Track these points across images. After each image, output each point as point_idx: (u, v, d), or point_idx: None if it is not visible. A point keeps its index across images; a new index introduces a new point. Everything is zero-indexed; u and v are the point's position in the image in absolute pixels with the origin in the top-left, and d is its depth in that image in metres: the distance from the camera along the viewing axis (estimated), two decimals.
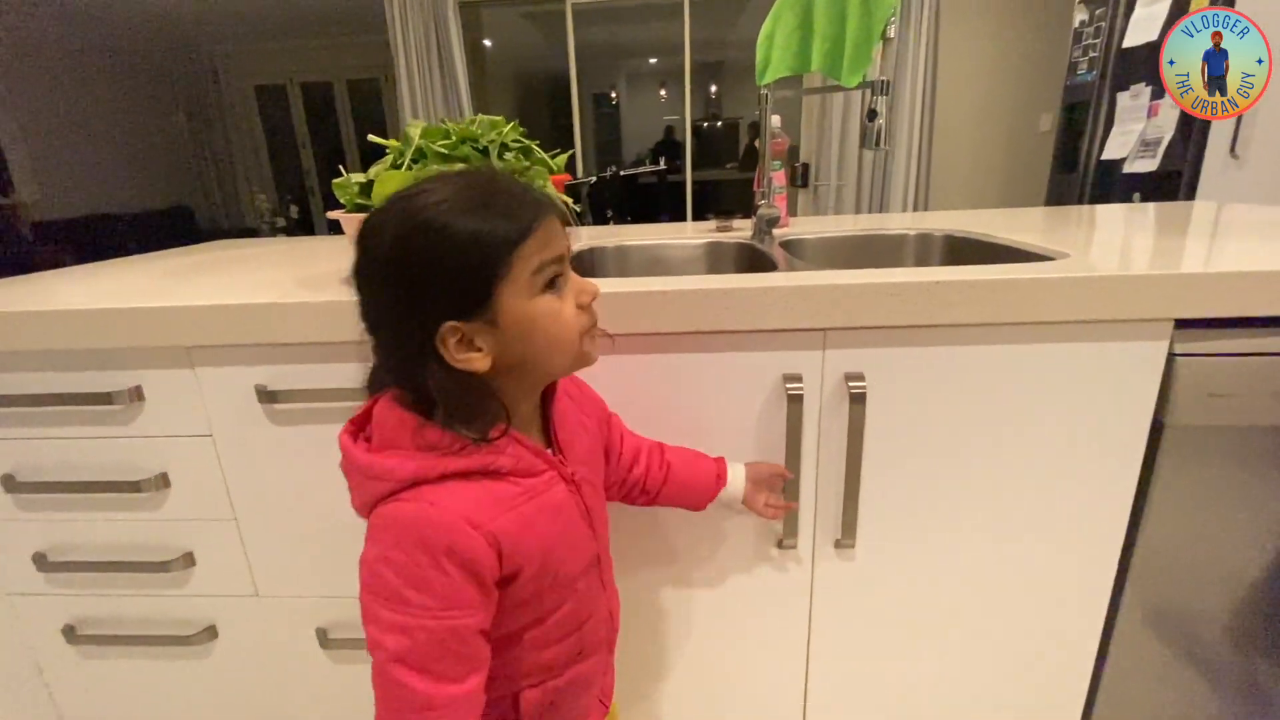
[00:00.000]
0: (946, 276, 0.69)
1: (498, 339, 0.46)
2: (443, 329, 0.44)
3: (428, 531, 0.45)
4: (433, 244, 0.43)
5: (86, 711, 1.01)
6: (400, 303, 0.45)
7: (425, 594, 0.44)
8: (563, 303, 0.48)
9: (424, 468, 0.46)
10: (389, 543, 0.45)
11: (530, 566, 0.49)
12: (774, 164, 1.25)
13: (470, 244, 0.43)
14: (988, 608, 0.85)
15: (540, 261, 0.46)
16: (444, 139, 0.82)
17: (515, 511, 0.48)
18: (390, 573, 0.45)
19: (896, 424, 0.77)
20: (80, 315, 0.77)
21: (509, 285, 0.45)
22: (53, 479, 0.86)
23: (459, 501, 0.46)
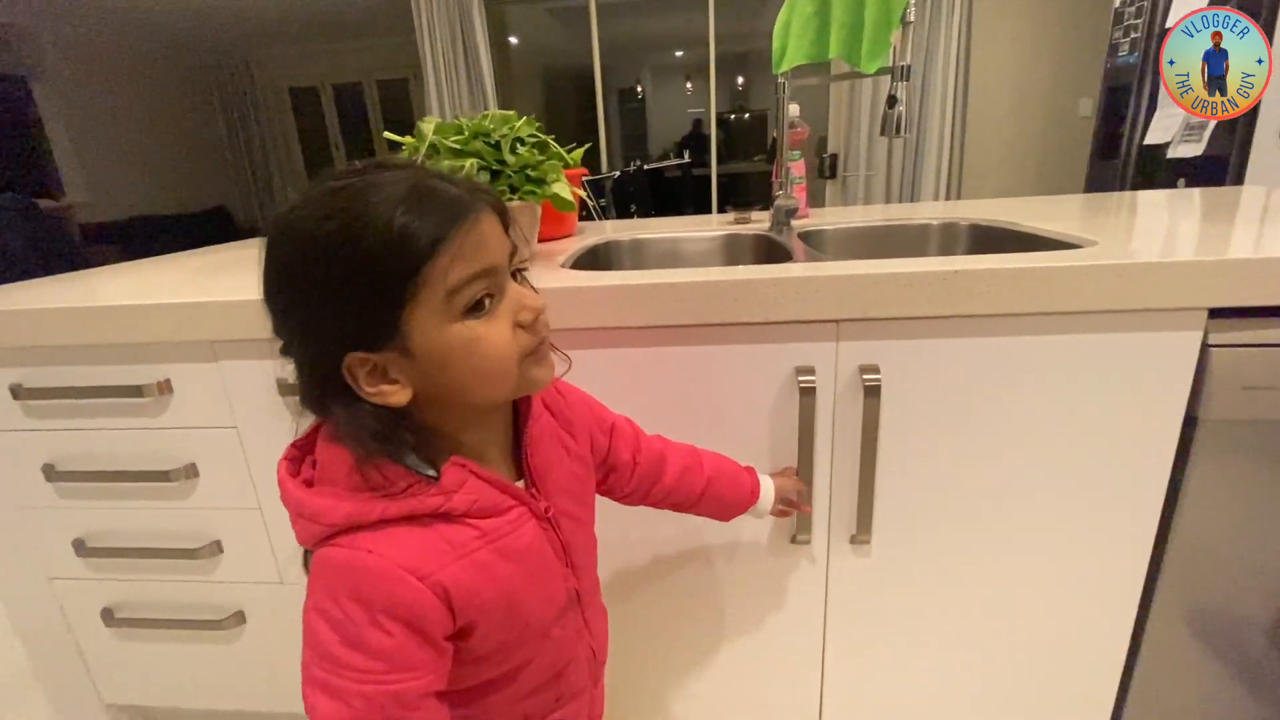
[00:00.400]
0: (962, 266, 0.67)
1: (416, 369, 0.40)
2: (349, 360, 0.38)
3: (363, 584, 0.39)
4: (325, 263, 0.36)
5: (123, 691, 1.05)
6: (300, 329, 0.40)
7: (363, 655, 0.39)
8: (491, 326, 0.40)
9: (358, 511, 0.40)
10: (322, 593, 0.40)
11: (490, 619, 0.43)
12: (793, 154, 1.23)
13: (367, 265, 0.36)
14: (1009, 606, 0.83)
15: (457, 280, 0.38)
16: (456, 135, 0.83)
17: (469, 559, 0.42)
18: (325, 627, 0.39)
19: (913, 417, 0.76)
20: (112, 311, 0.80)
21: (418, 311, 0.38)
22: (90, 468, 0.89)
23: (400, 549, 0.40)
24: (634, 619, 0.89)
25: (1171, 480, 0.76)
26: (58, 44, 4.29)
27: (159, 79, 5.01)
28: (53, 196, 4.05)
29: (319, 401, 0.41)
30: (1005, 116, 3.66)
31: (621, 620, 0.90)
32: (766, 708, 0.94)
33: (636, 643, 0.91)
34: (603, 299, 0.73)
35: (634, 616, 0.89)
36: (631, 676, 0.93)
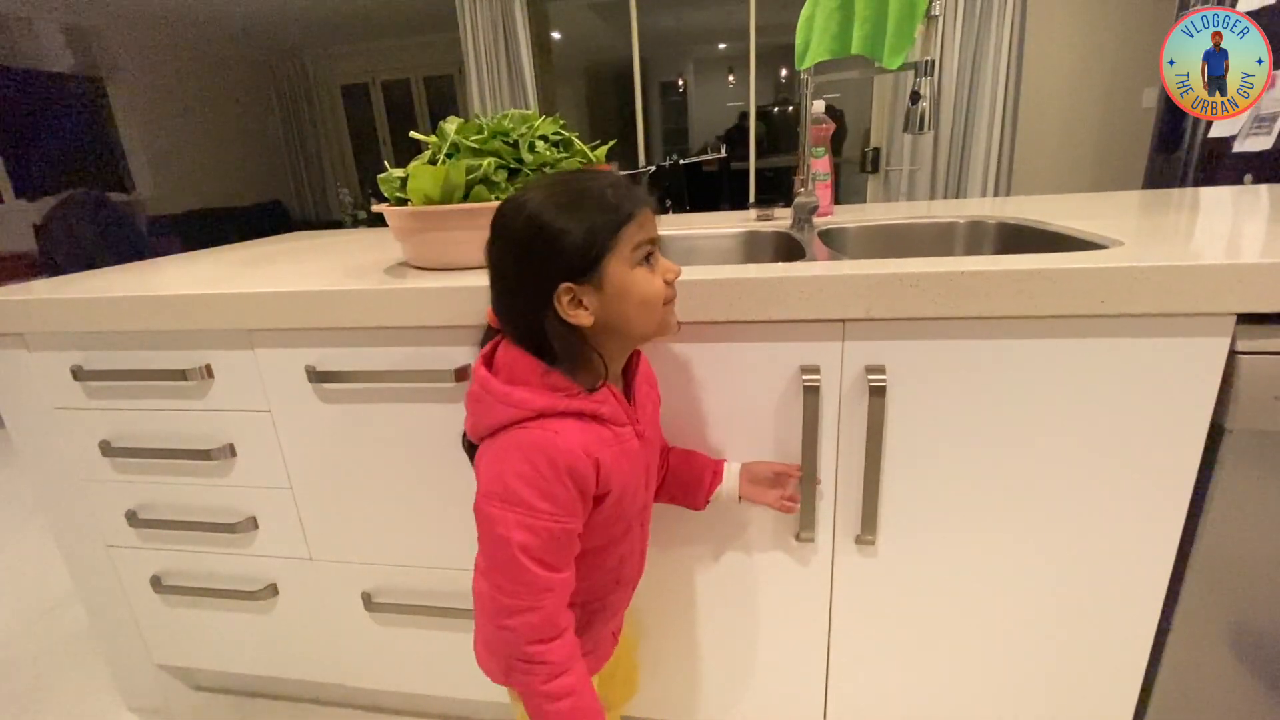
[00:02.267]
0: (970, 267, 0.66)
1: (601, 300, 0.56)
2: (560, 289, 0.54)
3: (555, 454, 0.54)
4: (558, 225, 0.53)
5: (172, 652, 1.14)
6: (529, 269, 0.55)
7: (550, 501, 0.55)
8: (652, 275, 0.58)
9: (550, 404, 0.56)
10: (520, 460, 0.55)
11: (614, 492, 0.60)
12: (816, 150, 1.22)
13: (587, 225, 0.53)
14: (1019, 612, 0.82)
15: (638, 241, 0.56)
16: (476, 134, 0.86)
17: (610, 449, 0.59)
18: (521, 483, 0.54)
19: (921, 418, 0.75)
20: (161, 300, 0.87)
21: (613, 257, 0.55)
22: (141, 445, 0.96)
23: (576, 433, 0.56)
24: (637, 614, 0.91)
25: (1196, 490, 0.73)
26: (129, 46, 4.55)
27: (221, 79, 5.26)
28: (124, 191, 4.30)
29: (528, 322, 0.56)
30: (1061, 109, 3.50)
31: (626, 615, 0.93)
32: (771, 705, 0.94)
33: (640, 637, 0.93)
34: None
35: (637, 611, 0.91)
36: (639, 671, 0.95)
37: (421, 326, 0.81)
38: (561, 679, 0.57)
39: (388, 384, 0.85)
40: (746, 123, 5.28)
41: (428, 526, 0.93)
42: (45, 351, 0.95)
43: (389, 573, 0.97)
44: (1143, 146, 2.86)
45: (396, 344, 0.84)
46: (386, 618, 1.00)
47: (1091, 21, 3.36)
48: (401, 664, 1.04)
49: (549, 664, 0.57)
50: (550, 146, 0.93)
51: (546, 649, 0.56)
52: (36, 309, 0.91)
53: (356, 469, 0.92)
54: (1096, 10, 3.33)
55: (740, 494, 0.79)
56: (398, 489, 0.91)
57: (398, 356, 0.84)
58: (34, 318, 0.92)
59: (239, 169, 5.41)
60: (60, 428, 0.99)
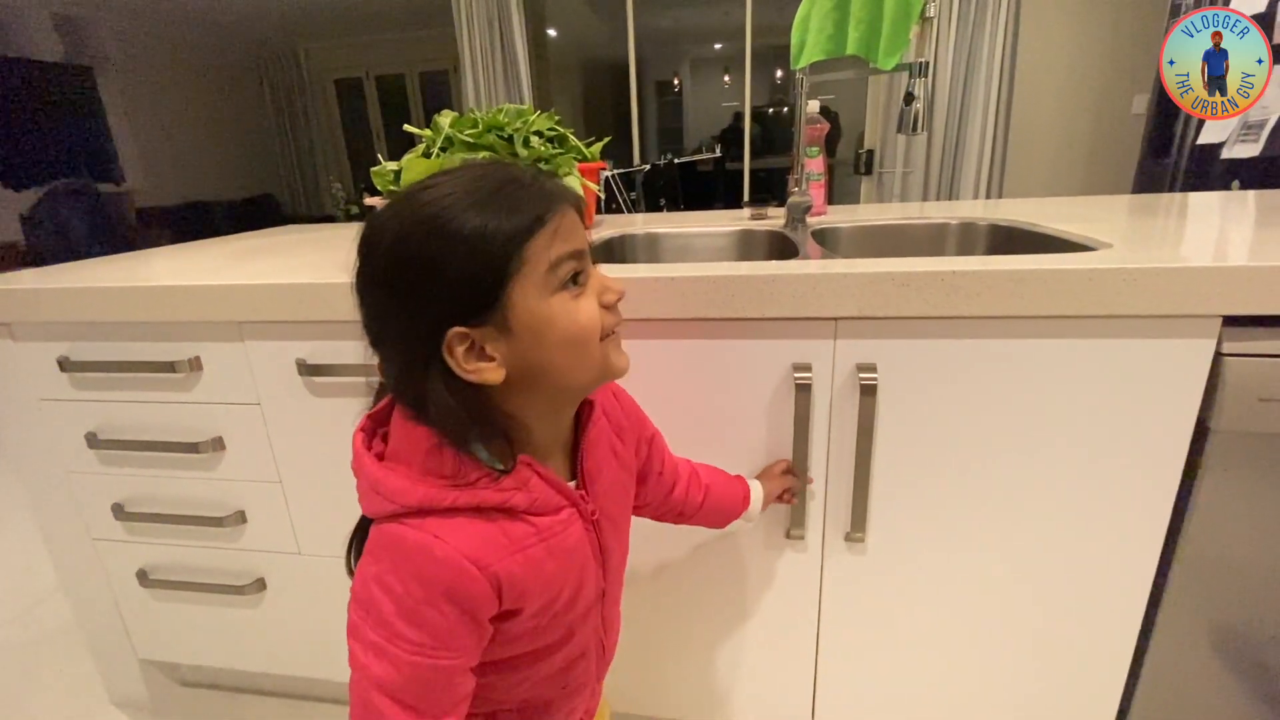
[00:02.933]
0: (960, 267, 0.67)
1: (511, 345, 0.42)
2: (449, 336, 0.40)
3: (429, 567, 0.42)
4: (437, 241, 0.39)
5: (158, 647, 1.13)
6: (403, 308, 0.41)
7: (418, 630, 0.42)
8: (581, 301, 0.43)
9: (431, 497, 0.42)
10: (387, 567, 0.43)
11: (531, 607, 0.46)
12: (810, 150, 1.22)
13: (477, 239, 0.39)
14: (1007, 610, 0.82)
15: (556, 256, 0.41)
16: (471, 128, 0.86)
17: (524, 553, 0.45)
18: (386, 599, 0.42)
19: (911, 417, 0.75)
20: (150, 291, 0.86)
21: (521, 283, 0.40)
22: (128, 437, 0.95)
23: (466, 539, 0.42)
24: (628, 610, 0.91)
25: (1181, 491, 0.74)
26: (120, 36, 4.50)
27: (213, 70, 5.21)
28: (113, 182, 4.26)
29: (415, 384, 0.42)
30: (1053, 113, 3.53)
31: None
32: (760, 701, 0.95)
33: (630, 634, 0.93)
34: None
35: (629, 607, 0.91)
36: (626, 668, 0.95)
37: None
38: None
39: (379, 377, 0.85)
40: (741, 123, 5.29)
41: None
42: (31, 342, 0.94)
43: None
44: (1132, 152, 2.89)
45: None
46: None
47: (1084, 28, 3.39)
48: None
49: None
50: (545, 142, 0.93)
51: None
52: (22, 299, 0.90)
53: (346, 463, 0.91)
54: (1089, 17, 3.37)
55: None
56: None
57: None
58: (20, 307, 0.90)
59: (230, 161, 5.37)
60: (46, 419, 0.98)
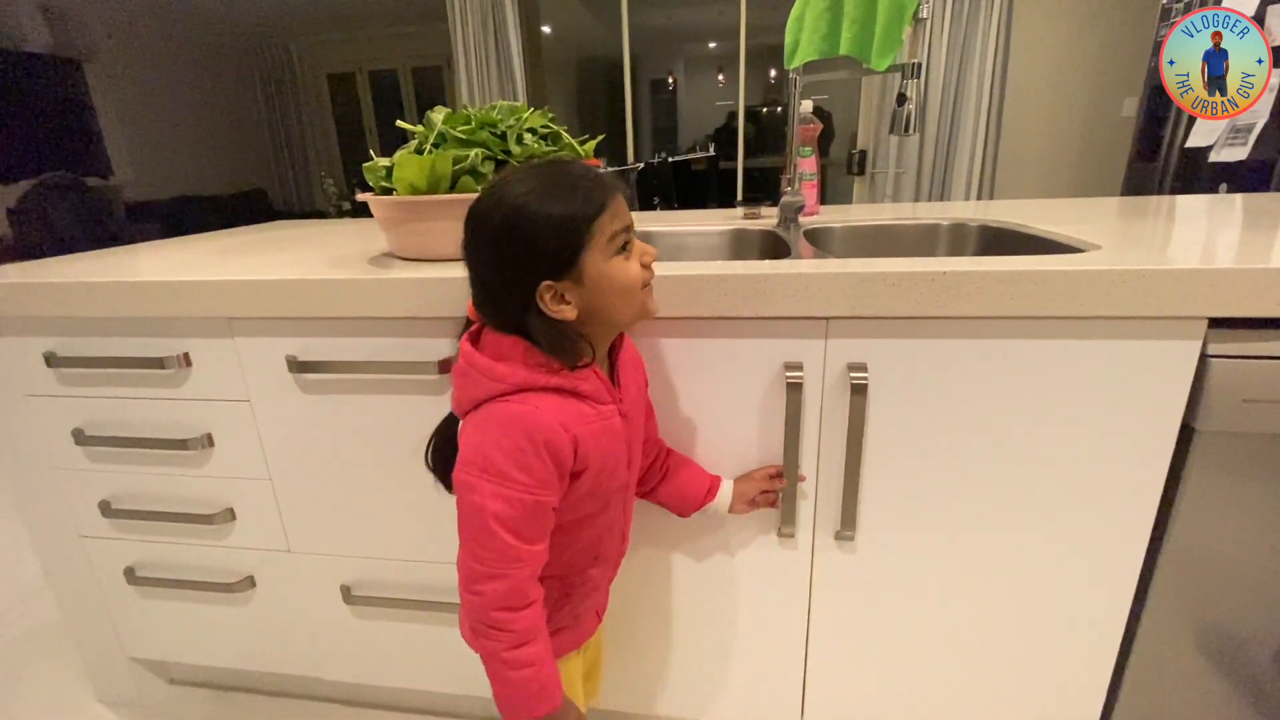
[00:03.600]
0: (951, 267, 0.67)
1: (582, 294, 0.57)
2: (541, 288, 0.55)
3: (533, 428, 0.56)
4: (532, 223, 0.54)
5: (145, 645, 1.12)
6: (508, 270, 0.56)
7: (526, 474, 0.56)
8: (629, 261, 0.58)
9: (531, 379, 0.57)
10: (499, 432, 0.56)
11: (592, 469, 0.61)
12: (803, 150, 1.23)
13: (561, 222, 0.54)
14: (994, 609, 0.83)
15: (613, 231, 0.56)
16: (464, 124, 0.86)
17: (590, 426, 0.59)
18: (499, 454, 0.55)
19: (901, 416, 0.76)
20: (137, 287, 0.85)
21: (590, 251, 0.55)
22: (116, 434, 0.95)
23: (555, 409, 0.57)
24: (617, 605, 0.92)
25: (1166, 490, 0.75)
26: (108, 27, 4.44)
27: (204, 63, 5.16)
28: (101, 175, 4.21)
29: (513, 319, 0.57)
30: (1043, 116, 3.56)
31: None
32: (749, 698, 0.95)
33: (619, 629, 0.93)
34: None
35: (617, 602, 0.92)
36: (614, 663, 0.95)
37: (405, 317, 0.80)
38: (523, 649, 0.59)
39: (370, 375, 0.85)
40: (735, 122, 5.29)
41: (409, 519, 0.92)
42: (16, 337, 0.93)
43: (369, 565, 0.97)
44: (1122, 154, 2.92)
45: (379, 334, 0.83)
46: (366, 611, 0.99)
47: (1075, 30, 3.42)
48: (381, 658, 1.03)
49: (512, 632, 0.58)
50: (539, 139, 0.92)
51: (512, 617, 0.58)
52: (7, 293, 0.89)
53: (337, 460, 0.91)
54: (1081, 20, 3.39)
55: (730, 509, 0.81)
56: (379, 481, 0.91)
57: (380, 347, 0.84)
58: (5, 302, 0.89)
59: (222, 156, 5.31)
60: (32, 415, 0.97)
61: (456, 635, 1.00)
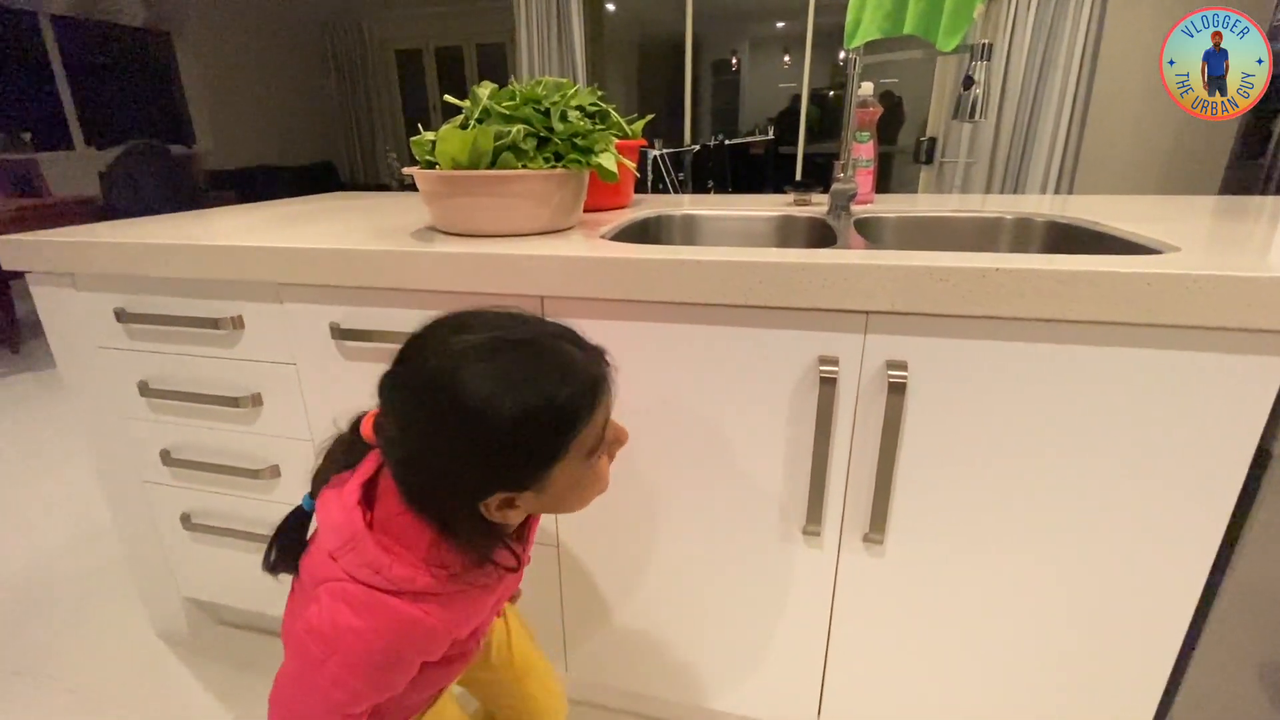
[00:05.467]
0: (1004, 264, 0.63)
1: (539, 501, 0.50)
2: (494, 497, 0.47)
3: (423, 641, 0.50)
4: (503, 431, 0.44)
5: (198, 587, 1.19)
6: (456, 471, 0.46)
7: (386, 675, 0.50)
8: (603, 462, 0.52)
9: (432, 586, 0.49)
10: (372, 627, 0.48)
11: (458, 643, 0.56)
12: (861, 135, 1.17)
13: (538, 432, 0.45)
14: (1031, 628, 0.79)
15: (595, 439, 0.49)
16: (509, 100, 0.85)
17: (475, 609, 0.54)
18: (362, 649, 0.48)
19: (942, 419, 0.72)
20: (196, 249, 0.89)
21: (566, 462, 0.48)
22: (176, 388, 1.00)
23: (453, 614, 0.51)
24: (635, 595, 0.92)
25: (1235, 516, 0.69)
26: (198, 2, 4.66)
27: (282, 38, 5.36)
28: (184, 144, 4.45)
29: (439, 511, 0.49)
30: (1136, 106, 3.29)
31: (621, 593, 0.93)
32: (766, 696, 0.94)
33: (635, 621, 0.93)
34: (623, 272, 0.73)
35: (635, 593, 0.92)
36: (631, 653, 0.96)
37: (441, 291, 0.81)
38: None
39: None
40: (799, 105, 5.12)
41: None
42: (92, 292, 0.99)
43: None
44: (1222, 151, 2.68)
45: (416, 306, 0.84)
46: None
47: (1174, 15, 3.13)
48: None
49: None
50: (583, 117, 0.91)
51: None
52: (84, 251, 0.95)
53: None
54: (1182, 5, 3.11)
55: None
56: None
57: (416, 319, 0.85)
58: (82, 259, 0.95)
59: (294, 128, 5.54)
60: (103, 366, 1.03)
61: None
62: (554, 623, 0.99)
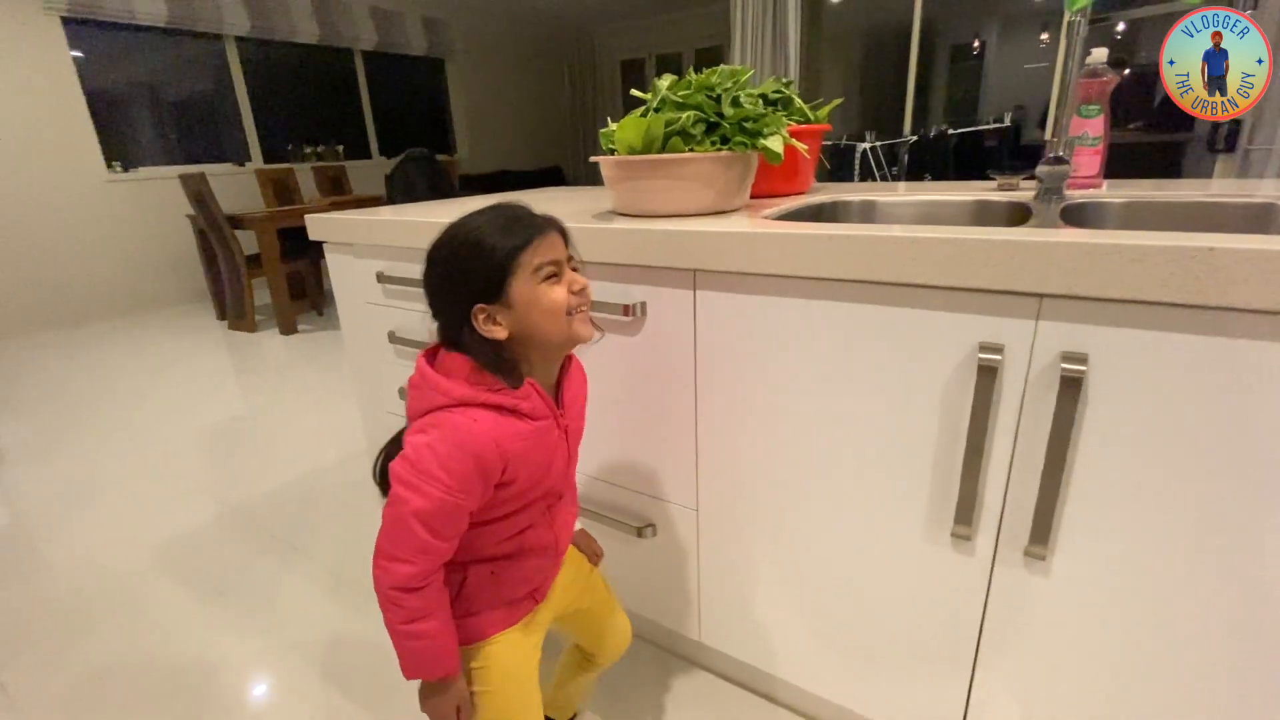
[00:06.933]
0: (1221, 244, 0.53)
1: (512, 316, 0.64)
2: (474, 309, 0.63)
3: (466, 437, 0.62)
4: (469, 255, 0.63)
5: None
6: (450, 291, 0.64)
7: (451, 478, 0.61)
8: (554, 288, 0.65)
9: (471, 394, 0.63)
10: (437, 436, 0.62)
11: (520, 481, 0.67)
12: (1089, 109, 1.03)
13: (492, 254, 0.62)
14: (1232, 681, 0.64)
15: (539, 262, 0.63)
16: (685, 89, 0.92)
17: (523, 441, 0.66)
18: (431, 456, 0.61)
19: (1127, 421, 0.62)
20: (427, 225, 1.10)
21: (517, 278, 0.63)
22: (411, 338, 1.25)
23: (490, 423, 0.63)
24: (768, 571, 0.92)
25: None
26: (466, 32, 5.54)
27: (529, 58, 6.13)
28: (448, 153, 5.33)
29: (453, 336, 0.66)
30: None
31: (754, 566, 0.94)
32: (897, 709, 0.89)
33: (767, 598, 0.94)
34: (769, 246, 0.75)
35: (768, 568, 0.92)
36: (759, 629, 0.96)
37: (607, 263, 0.91)
38: (416, 624, 0.65)
39: None
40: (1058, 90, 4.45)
41: (600, 441, 1.05)
42: (364, 259, 1.27)
43: None
44: None
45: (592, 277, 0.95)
46: None
47: None
48: None
49: (405, 609, 0.64)
50: (755, 100, 0.94)
51: (405, 596, 0.64)
52: (358, 226, 1.23)
53: None
54: None
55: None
56: None
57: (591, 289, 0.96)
58: (357, 232, 1.24)
59: (532, 137, 6.30)
60: (367, 318, 1.33)
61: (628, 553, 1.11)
62: (690, 582, 1.04)
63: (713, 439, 0.92)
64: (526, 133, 6.27)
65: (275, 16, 4.53)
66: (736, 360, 0.86)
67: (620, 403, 0.99)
